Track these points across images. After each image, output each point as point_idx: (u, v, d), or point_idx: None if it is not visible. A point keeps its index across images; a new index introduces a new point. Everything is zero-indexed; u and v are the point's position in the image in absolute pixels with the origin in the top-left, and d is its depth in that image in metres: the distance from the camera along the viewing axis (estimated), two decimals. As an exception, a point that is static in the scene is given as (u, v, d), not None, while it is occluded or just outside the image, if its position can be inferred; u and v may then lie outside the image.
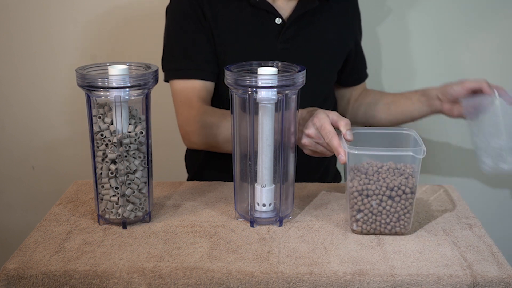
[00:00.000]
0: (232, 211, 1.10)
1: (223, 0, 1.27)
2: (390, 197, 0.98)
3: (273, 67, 1.02)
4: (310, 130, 1.06)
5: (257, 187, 1.03)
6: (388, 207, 0.98)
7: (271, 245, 0.97)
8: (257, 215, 1.04)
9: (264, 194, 1.03)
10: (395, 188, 0.97)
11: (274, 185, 1.04)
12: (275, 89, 0.96)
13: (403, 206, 0.98)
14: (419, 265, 0.91)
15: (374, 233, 1.01)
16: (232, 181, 1.08)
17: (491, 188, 1.78)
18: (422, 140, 0.99)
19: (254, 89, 0.96)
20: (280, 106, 0.98)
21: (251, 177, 1.03)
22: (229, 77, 0.98)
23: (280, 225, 1.04)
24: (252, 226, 1.03)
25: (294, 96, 1.00)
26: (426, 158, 1.87)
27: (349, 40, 1.38)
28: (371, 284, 0.88)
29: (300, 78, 0.98)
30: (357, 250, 0.96)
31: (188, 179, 1.48)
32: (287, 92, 0.98)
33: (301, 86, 0.99)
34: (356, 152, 0.97)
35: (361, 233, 1.01)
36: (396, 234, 1.01)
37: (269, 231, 1.02)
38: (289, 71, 1.02)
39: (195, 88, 1.27)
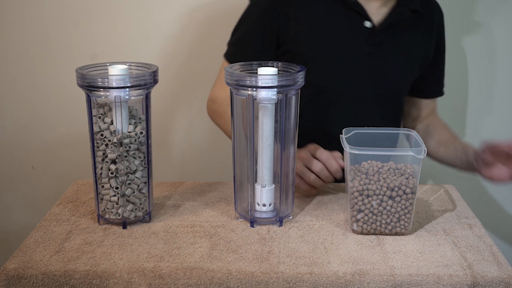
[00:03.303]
0: (232, 211, 1.10)
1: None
2: (390, 197, 0.98)
3: (273, 67, 1.02)
4: (302, 152, 1.12)
5: (257, 187, 1.03)
6: (388, 207, 0.99)
7: (271, 245, 0.97)
8: (257, 215, 1.04)
9: (264, 194, 1.03)
10: (396, 188, 0.98)
11: (274, 185, 1.04)
12: (275, 89, 0.96)
13: (403, 206, 0.99)
14: (419, 265, 0.91)
15: (374, 233, 1.01)
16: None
17: (491, 188, 1.78)
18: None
19: (254, 89, 0.96)
20: (280, 106, 0.98)
21: (251, 177, 1.03)
22: (229, 77, 0.98)
23: (280, 225, 1.04)
24: (252, 226, 1.03)
25: (294, 96, 1.00)
26: (426, 158, 1.87)
27: (430, 54, 1.37)
28: (371, 284, 0.88)
29: (300, 78, 0.98)
30: (357, 250, 0.96)
31: None
32: (287, 92, 0.98)
33: (301, 86, 0.99)
34: (357, 152, 0.97)
35: (362, 233, 1.01)
36: (396, 234, 1.01)
37: (269, 231, 1.02)
38: (289, 71, 1.02)
39: None
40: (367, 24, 1.28)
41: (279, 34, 1.30)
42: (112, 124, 0.98)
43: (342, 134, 1.03)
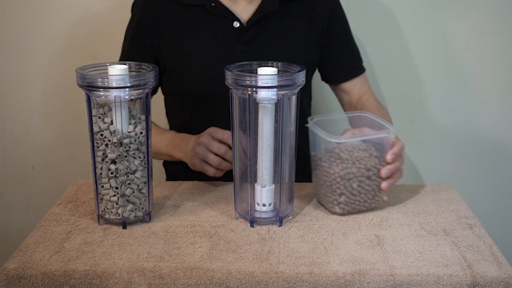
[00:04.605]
0: (232, 211, 1.10)
1: (181, 8, 1.29)
2: (367, 177, 1.06)
3: (273, 67, 1.02)
4: (203, 138, 1.16)
5: (257, 187, 1.03)
6: (366, 187, 1.06)
7: (271, 245, 0.97)
8: (257, 215, 1.04)
9: (264, 194, 1.03)
10: (372, 168, 1.05)
11: (274, 185, 1.04)
12: (275, 89, 0.96)
13: (377, 183, 1.07)
14: (419, 265, 0.91)
15: (353, 212, 1.08)
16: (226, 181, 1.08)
17: (491, 188, 1.78)
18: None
19: (254, 89, 0.96)
20: (280, 106, 0.98)
21: (251, 177, 1.03)
22: (229, 77, 0.99)
23: (280, 225, 1.04)
24: (252, 226, 1.03)
25: (294, 96, 1.00)
26: (426, 158, 1.87)
27: (317, 38, 1.35)
28: (371, 284, 0.88)
29: (300, 78, 0.98)
30: (357, 250, 0.96)
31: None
32: (287, 92, 0.98)
33: (301, 86, 0.99)
34: (336, 140, 1.04)
35: (343, 214, 1.07)
36: (372, 209, 1.10)
37: (269, 231, 1.02)
38: (289, 71, 1.02)
39: None
40: (236, 24, 1.28)
41: (154, 51, 1.32)
42: (112, 124, 0.98)
43: (308, 124, 1.08)
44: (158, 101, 1.47)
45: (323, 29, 1.35)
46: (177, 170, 1.41)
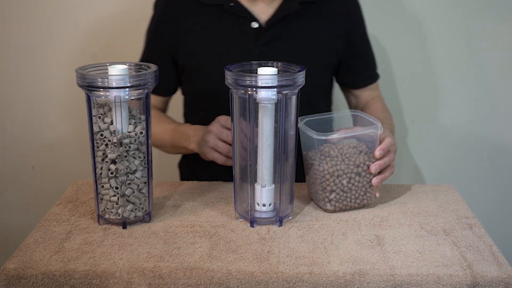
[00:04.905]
0: (232, 211, 1.10)
1: (199, 9, 1.29)
2: (357, 173, 1.06)
3: (273, 67, 1.02)
4: (213, 126, 1.16)
5: (257, 187, 1.03)
6: (356, 183, 1.07)
7: (271, 245, 0.97)
8: (257, 215, 1.04)
9: (264, 194, 1.03)
10: (361, 165, 1.06)
11: (274, 185, 1.04)
12: (275, 89, 0.96)
13: (368, 180, 1.08)
14: (419, 265, 0.91)
15: (345, 209, 1.08)
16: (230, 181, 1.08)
17: (491, 188, 1.78)
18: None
19: (254, 89, 0.96)
20: (280, 106, 0.98)
21: (251, 177, 1.03)
22: (229, 77, 0.99)
23: (280, 225, 1.04)
24: (252, 226, 1.03)
25: (294, 96, 1.01)
26: (426, 158, 1.87)
27: (336, 41, 1.34)
28: (371, 284, 0.88)
29: (300, 78, 0.98)
30: (357, 250, 0.96)
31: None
32: (287, 92, 0.98)
33: (301, 86, 0.99)
34: (324, 137, 1.04)
35: (335, 211, 1.08)
36: (363, 206, 1.10)
37: (269, 231, 1.02)
38: (289, 71, 1.02)
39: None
40: (254, 25, 1.27)
41: (171, 52, 1.32)
42: (112, 124, 0.98)
43: (299, 123, 1.08)
44: (174, 102, 1.47)
45: (342, 32, 1.34)
46: (191, 170, 1.41)
